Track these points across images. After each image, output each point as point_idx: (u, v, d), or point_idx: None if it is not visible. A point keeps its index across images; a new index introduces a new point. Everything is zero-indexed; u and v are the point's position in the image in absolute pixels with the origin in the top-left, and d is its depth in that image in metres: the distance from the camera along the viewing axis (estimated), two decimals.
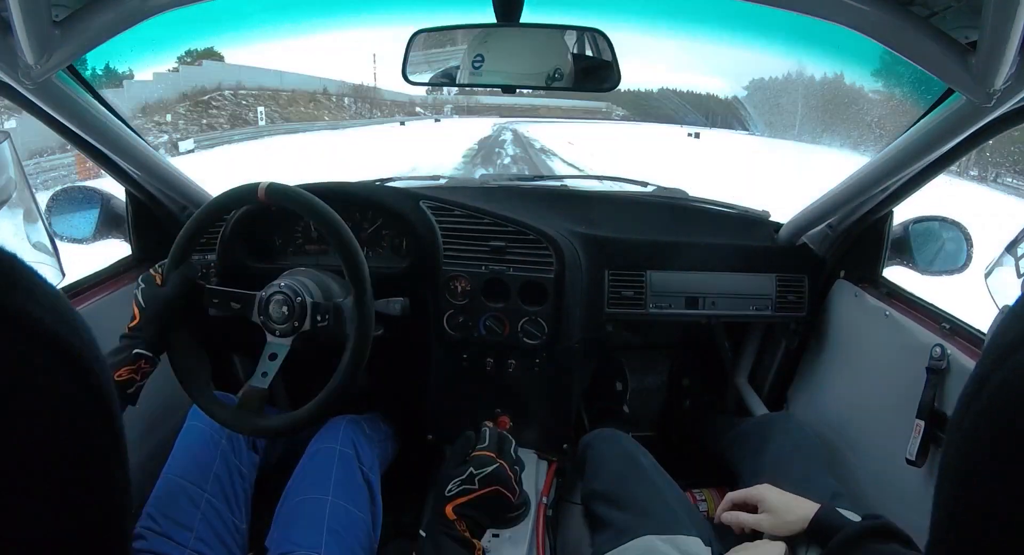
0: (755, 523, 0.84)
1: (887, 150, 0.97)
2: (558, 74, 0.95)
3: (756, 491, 0.87)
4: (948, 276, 1.18)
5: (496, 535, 1.07)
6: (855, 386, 1.21)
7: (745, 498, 0.88)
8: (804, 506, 0.82)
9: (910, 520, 0.75)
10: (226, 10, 2.96)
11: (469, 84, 0.98)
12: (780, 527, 0.82)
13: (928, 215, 1.21)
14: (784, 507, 0.83)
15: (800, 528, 0.81)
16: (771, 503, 0.84)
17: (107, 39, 0.74)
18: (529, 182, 1.52)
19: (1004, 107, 0.72)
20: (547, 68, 0.95)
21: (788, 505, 0.83)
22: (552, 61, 0.96)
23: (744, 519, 0.86)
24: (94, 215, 1.21)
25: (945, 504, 0.28)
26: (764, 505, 0.85)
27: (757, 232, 1.38)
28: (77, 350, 0.25)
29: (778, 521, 0.82)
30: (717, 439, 1.29)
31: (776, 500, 0.84)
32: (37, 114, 0.88)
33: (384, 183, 1.42)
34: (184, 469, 0.94)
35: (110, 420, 0.27)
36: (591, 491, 0.98)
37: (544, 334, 1.15)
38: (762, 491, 0.86)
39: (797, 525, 0.81)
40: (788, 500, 0.84)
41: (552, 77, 0.95)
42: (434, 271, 1.16)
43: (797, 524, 0.81)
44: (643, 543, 0.84)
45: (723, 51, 67.40)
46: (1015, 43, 0.61)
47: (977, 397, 0.26)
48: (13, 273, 0.25)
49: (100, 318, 1.09)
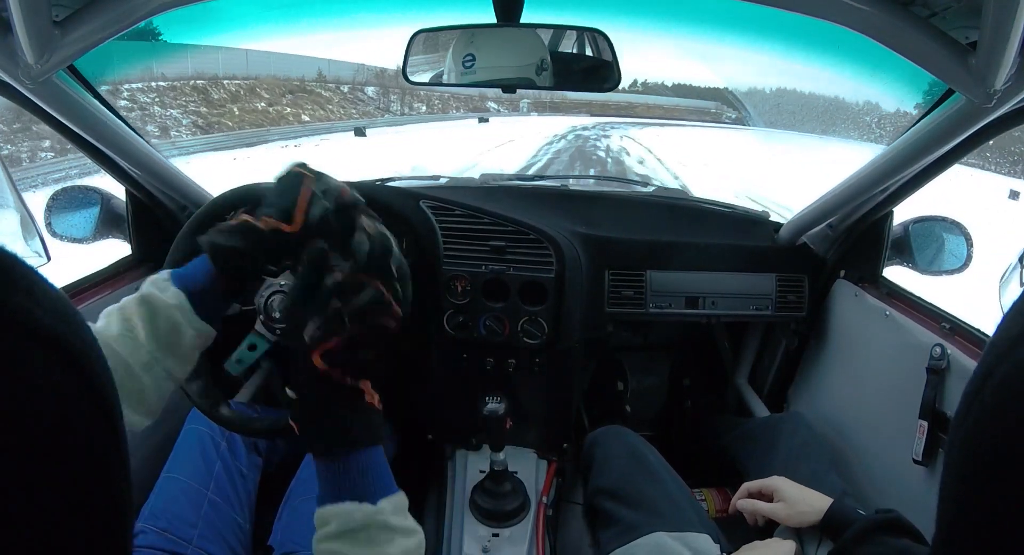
0: (771, 511, 0.86)
1: (887, 150, 0.97)
2: (544, 64, 0.96)
3: (772, 481, 0.89)
4: (948, 276, 1.18)
5: (496, 535, 1.07)
6: (855, 386, 1.21)
7: (760, 488, 0.90)
8: (818, 498, 0.84)
9: (913, 519, 0.75)
10: (223, 11, 2.89)
11: (459, 84, 0.99)
12: (794, 517, 0.83)
13: (928, 215, 1.21)
14: (800, 498, 0.84)
15: (814, 520, 0.82)
16: (786, 493, 0.86)
17: (107, 39, 0.74)
18: (529, 182, 1.53)
19: (1004, 107, 0.72)
20: (533, 60, 0.96)
21: (803, 496, 0.85)
22: (536, 54, 0.96)
23: (760, 507, 0.88)
24: (94, 215, 1.20)
25: (950, 502, 0.28)
26: (780, 495, 0.86)
27: (757, 232, 1.38)
28: (78, 350, 0.25)
29: (793, 511, 0.84)
30: (719, 438, 1.29)
31: (791, 491, 0.86)
32: (37, 113, 0.88)
33: (384, 183, 1.42)
34: (184, 469, 0.94)
35: (111, 420, 0.27)
36: (597, 487, 0.98)
37: (544, 334, 1.16)
38: (777, 482, 0.88)
39: (811, 516, 0.82)
40: (803, 491, 0.86)
41: (540, 67, 0.96)
42: (434, 271, 1.16)
43: (811, 515, 0.82)
44: (653, 540, 0.84)
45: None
46: (1015, 43, 0.61)
47: (980, 394, 0.26)
48: (13, 272, 0.25)
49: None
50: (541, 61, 0.96)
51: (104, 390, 0.27)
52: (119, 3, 0.71)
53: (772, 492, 0.88)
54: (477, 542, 1.06)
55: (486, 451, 1.09)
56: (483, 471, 1.14)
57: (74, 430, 0.25)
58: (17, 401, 0.22)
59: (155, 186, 1.18)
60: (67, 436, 0.24)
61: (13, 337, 0.23)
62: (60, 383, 0.24)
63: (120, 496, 0.27)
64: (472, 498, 1.11)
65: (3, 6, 0.64)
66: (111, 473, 0.27)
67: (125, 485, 0.28)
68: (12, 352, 0.23)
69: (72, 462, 0.24)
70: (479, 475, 1.15)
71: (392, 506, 0.55)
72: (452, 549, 1.07)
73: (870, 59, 4.46)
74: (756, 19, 18.69)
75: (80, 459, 0.25)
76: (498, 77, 0.97)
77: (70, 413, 0.25)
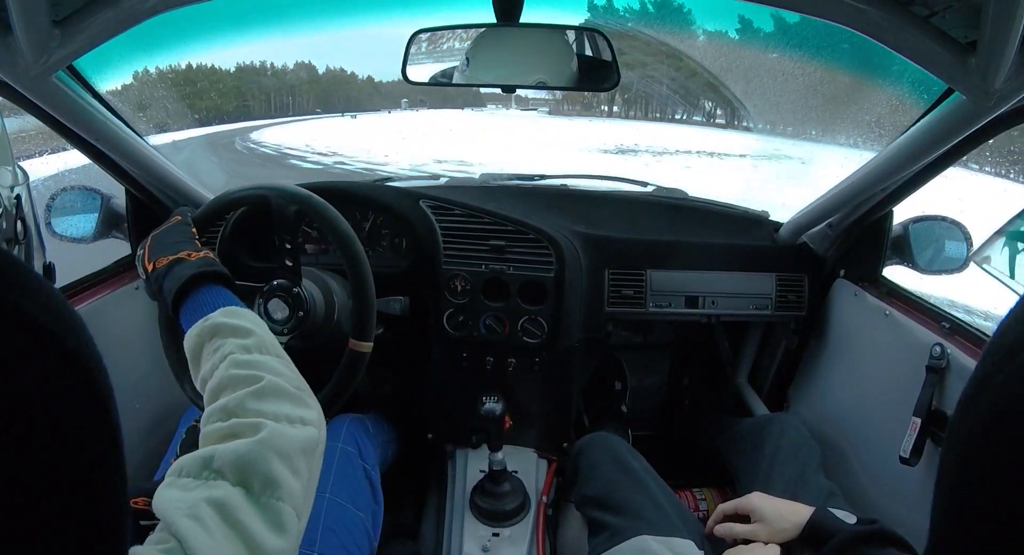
0: (749, 533, 0.83)
1: (887, 150, 0.97)
2: (558, 78, 0.96)
3: (747, 501, 0.86)
4: (948, 275, 1.18)
5: (496, 535, 1.07)
6: (855, 385, 1.21)
7: (736, 508, 0.87)
8: (798, 512, 0.82)
9: (911, 519, 0.75)
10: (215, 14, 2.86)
11: (459, 84, 0.99)
12: (774, 536, 0.81)
13: (928, 214, 1.21)
14: (777, 515, 0.82)
15: (794, 535, 0.80)
16: (763, 512, 0.83)
17: (107, 39, 0.74)
18: (529, 181, 1.52)
19: (1004, 107, 0.72)
20: (547, 72, 0.96)
21: (781, 512, 0.82)
22: (554, 66, 0.96)
23: (737, 530, 0.85)
24: (94, 215, 1.21)
25: (944, 505, 0.28)
26: (756, 514, 0.84)
27: (757, 231, 1.38)
28: (73, 347, 0.25)
29: (772, 530, 0.81)
30: (715, 438, 1.29)
31: (768, 509, 0.83)
32: (37, 113, 0.87)
33: (384, 182, 1.42)
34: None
35: (106, 417, 0.27)
36: (584, 496, 0.98)
37: (544, 333, 1.15)
38: (753, 500, 0.85)
39: (791, 532, 0.80)
40: (780, 507, 0.83)
41: (541, 82, 0.96)
42: (434, 270, 1.16)
43: (791, 531, 0.80)
44: (638, 543, 0.84)
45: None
46: (1015, 43, 0.61)
47: (978, 400, 0.26)
48: (8, 270, 0.25)
49: (100, 317, 1.09)
50: (552, 74, 0.96)
51: (99, 386, 0.27)
52: (119, 2, 0.71)
53: (749, 512, 0.85)
54: (477, 542, 1.06)
55: (486, 450, 1.09)
56: (483, 471, 1.14)
57: (68, 427, 0.25)
58: (11, 398, 0.22)
59: (155, 186, 1.18)
60: (60, 433, 0.24)
61: (8, 334, 0.23)
62: (55, 380, 0.24)
63: (115, 495, 0.27)
64: (472, 498, 1.11)
65: (3, 5, 0.64)
66: (106, 471, 0.27)
67: (120, 484, 0.28)
68: (7, 349, 0.23)
69: (66, 459, 0.24)
70: (479, 475, 1.15)
71: (221, 312, 0.61)
72: (452, 549, 1.07)
73: (869, 59, 4.43)
74: (756, 19, 18.39)
75: (74, 456, 0.25)
76: (499, 77, 0.97)
77: (64, 410, 0.25)
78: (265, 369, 0.54)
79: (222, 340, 0.58)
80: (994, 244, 0.84)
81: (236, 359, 0.55)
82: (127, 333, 1.15)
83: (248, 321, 0.60)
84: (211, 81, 21.12)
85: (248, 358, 0.55)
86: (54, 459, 0.24)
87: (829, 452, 1.13)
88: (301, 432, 0.50)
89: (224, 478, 0.44)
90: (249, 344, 0.57)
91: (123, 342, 1.14)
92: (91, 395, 0.26)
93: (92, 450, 0.26)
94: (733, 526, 0.86)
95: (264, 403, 0.51)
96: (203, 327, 0.59)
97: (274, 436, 0.47)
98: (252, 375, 0.53)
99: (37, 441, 0.23)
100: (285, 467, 0.46)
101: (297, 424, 0.51)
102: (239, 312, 0.61)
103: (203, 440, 0.49)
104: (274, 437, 0.47)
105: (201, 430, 0.50)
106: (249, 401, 0.50)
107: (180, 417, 1.13)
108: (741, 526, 0.85)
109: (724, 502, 0.91)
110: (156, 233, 0.80)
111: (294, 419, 0.51)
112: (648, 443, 1.08)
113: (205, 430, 0.50)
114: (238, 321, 0.59)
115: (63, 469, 0.24)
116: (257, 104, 29.61)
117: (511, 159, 9.97)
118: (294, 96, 33.15)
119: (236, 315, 0.61)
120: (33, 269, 0.26)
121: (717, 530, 0.89)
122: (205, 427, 0.50)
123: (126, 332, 1.15)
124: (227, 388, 0.53)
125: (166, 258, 0.72)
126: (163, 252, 0.73)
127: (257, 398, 0.51)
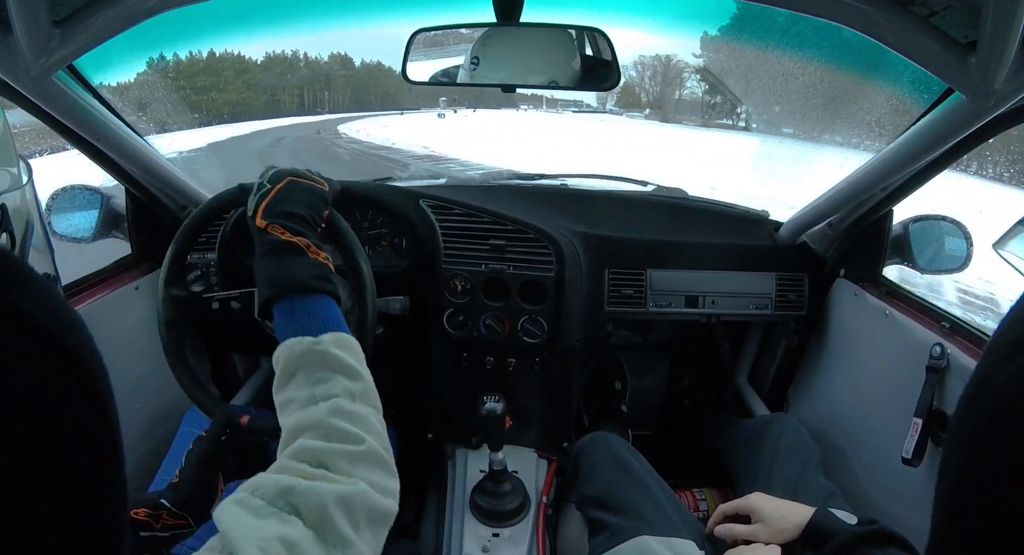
0: (750, 534, 0.83)
1: (887, 149, 0.97)
2: (561, 78, 0.96)
3: (747, 501, 0.86)
4: (948, 275, 1.18)
5: (496, 535, 1.07)
6: (855, 385, 1.21)
7: (737, 509, 0.87)
8: (798, 512, 0.82)
9: (911, 519, 0.75)
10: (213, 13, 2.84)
11: (459, 84, 0.99)
12: (775, 536, 0.81)
13: (928, 214, 1.21)
14: (777, 515, 0.82)
15: (795, 535, 0.80)
16: (764, 512, 0.83)
17: (107, 39, 0.74)
18: (529, 181, 1.52)
19: (1004, 107, 0.72)
20: (551, 72, 0.95)
21: (781, 513, 0.82)
22: (557, 66, 0.96)
23: (738, 531, 0.85)
24: (94, 214, 1.21)
25: (945, 506, 0.28)
26: (757, 515, 0.84)
27: (757, 231, 1.38)
28: (73, 347, 0.25)
29: (772, 530, 0.81)
30: (714, 439, 1.29)
31: (769, 509, 0.83)
32: (37, 113, 0.87)
33: (384, 182, 1.42)
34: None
35: (106, 418, 0.27)
36: (584, 496, 0.98)
37: (544, 333, 1.15)
38: (753, 501, 0.85)
39: (792, 533, 0.80)
40: (781, 507, 0.83)
41: (554, 83, 0.96)
42: (434, 270, 1.16)
43: (792, 532, 0.80)
44: (638, 543, 0.84)
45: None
46: (1015, 43, 0.61)
47: (978, 399, 0.26)
48: (7, 270, 0.24)
49: (100, 317, 1.09)
50: (560, 74, 0.96)
51: (98, 386, 0.27)
52: (119, 2, 0.71)
53: (749, 512, 0.85)
54: (477, 542, 1.06)
55: (486, 450, 1.09)
56: (483, 471, 1.14)
57: (68, 427, 0.24)
58: (11, 398, 0.22)
59: (155, 186, 1.18)
60: (60, 432, 0.24)
61: (8, 334, 0.23)
62: (55, 380, 0.24)
63: (114, 495, 0.27)
64: (472, 498, 1.11)
65: (2, 5, 0.64)
66: (105, 471, 0.27)
67: (120, 484, 0.28)
68: (7, 349, 0.23)
69: (65, 459, 0.24)
70: (479, 475, 1.15)
71: (334, 339, 0.57)
72: (452, 549, 1.07)
73: (869, 58, 4.45)
74: (756, 19, 18.56)
75: (74, 456, 0.25)
76: (506, 77, 0.97)
77: (64, 410, 0.24)
78: (366, 427, 0.52)
79: (329, 374, 0.55)
80: (1017, 233, 0.86)
81: (341, 407, 0.52)
82: (127, 333, 1.15)
83: (357, 360, 0.58)
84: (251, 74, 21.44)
85: (353, 408, 0.53)
86: (53, 459, 0.24)
87: (829, 452, 1.13)
88: (384, 503, 0.50)
89: (299, 516, 0.43)
90: (356, 390, 0.55)
91: (123, 342, 1.14)
92: (91, 395, 0.26)
93: (92, 450, 0.26)
94: (733, 527, 0.86)
95: (357, 467, 0.50)
96: (311, 349, 0.56)
97: (363, 498, 0.47)
98: (355, 435, 0.51)
99: (36, 441, 0.23)
100: (361, 530, 0.46)
101: (383, 494, 0.50)
102: (350, 344, 0.58)
103: (280, 469, 0.48)
104: (363, 499, 0.47)
105: (279, 456, 0.50)
106: (343, 462, 0.49)
107: (180, 417, 1.13)
108: (741, 526, 0.85)
109: (724, 502, 0.91)
110: (292, 185, 0.72)
111: (381, 488, 0.50)
112: (648, 443, 1.08)
113: (284, 462, 0.49)
114: (349, 358, 0.57)
115: (63, 469, 0.24)
116: (288, 99, 29.82)
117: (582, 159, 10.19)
118: (329, 91, 33.40)
119: (347, 347, 0.58)
120: (32, 269, 0.26)
121: (717, 531, 0.89)
122: (285, 458, 0.49)
123: (126, 332, 1.15)
124: (322, 432, 0.51)
125: (287, 234, 0.66)
126: (287, 222, 0.67)
127: (352, 461, 0.50)
